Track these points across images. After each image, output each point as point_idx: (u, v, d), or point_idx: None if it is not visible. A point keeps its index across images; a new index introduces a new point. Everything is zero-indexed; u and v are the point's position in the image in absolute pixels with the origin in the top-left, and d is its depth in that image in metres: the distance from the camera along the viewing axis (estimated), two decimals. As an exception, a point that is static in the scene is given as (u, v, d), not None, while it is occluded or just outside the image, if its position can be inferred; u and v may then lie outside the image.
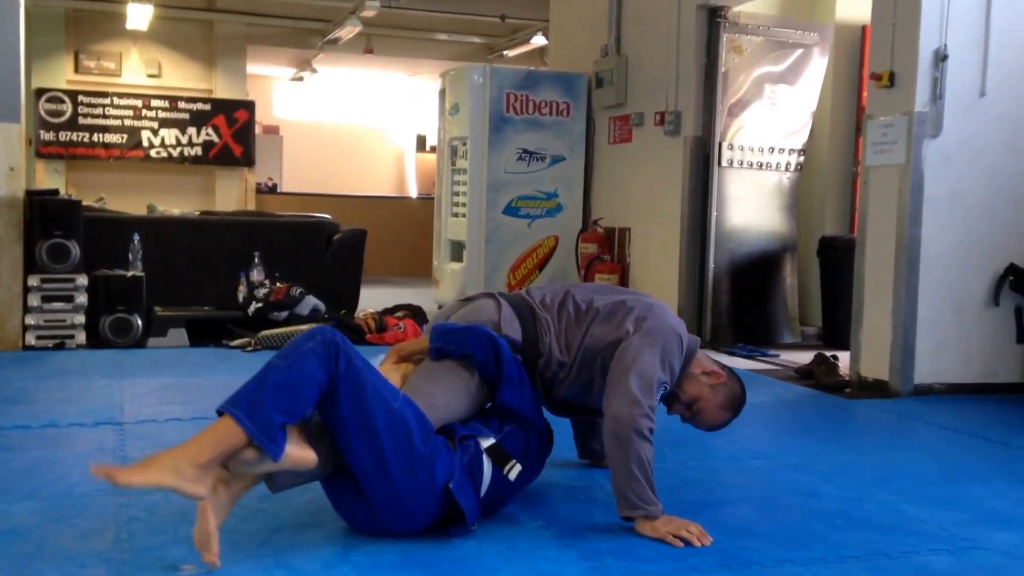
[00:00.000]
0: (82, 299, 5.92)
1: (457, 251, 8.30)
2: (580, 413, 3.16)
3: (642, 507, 2.64)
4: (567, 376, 2.92)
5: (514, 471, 2.63)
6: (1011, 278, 5.13)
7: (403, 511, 2.48)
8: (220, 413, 2.30)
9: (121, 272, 6.16)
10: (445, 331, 2.73)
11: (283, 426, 2.29)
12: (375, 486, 2.44)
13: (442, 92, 8.58)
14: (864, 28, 7.14)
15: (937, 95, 4.94)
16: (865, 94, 5.83)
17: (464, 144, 8.12)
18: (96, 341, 5.95)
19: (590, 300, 2.96)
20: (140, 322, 6.06)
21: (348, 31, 11.44)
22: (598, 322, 2.89)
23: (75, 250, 5.92)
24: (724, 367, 2.99)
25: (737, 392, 2.96)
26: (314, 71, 14.31)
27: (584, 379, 2.92)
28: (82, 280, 5.93)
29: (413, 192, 16.01)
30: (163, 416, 4.07)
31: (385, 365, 2.75)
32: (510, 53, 13.13)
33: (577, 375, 2.91)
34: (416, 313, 6.69)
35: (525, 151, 8.08)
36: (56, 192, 6.65)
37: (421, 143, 15.96)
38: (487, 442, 2.63)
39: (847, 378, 5.33)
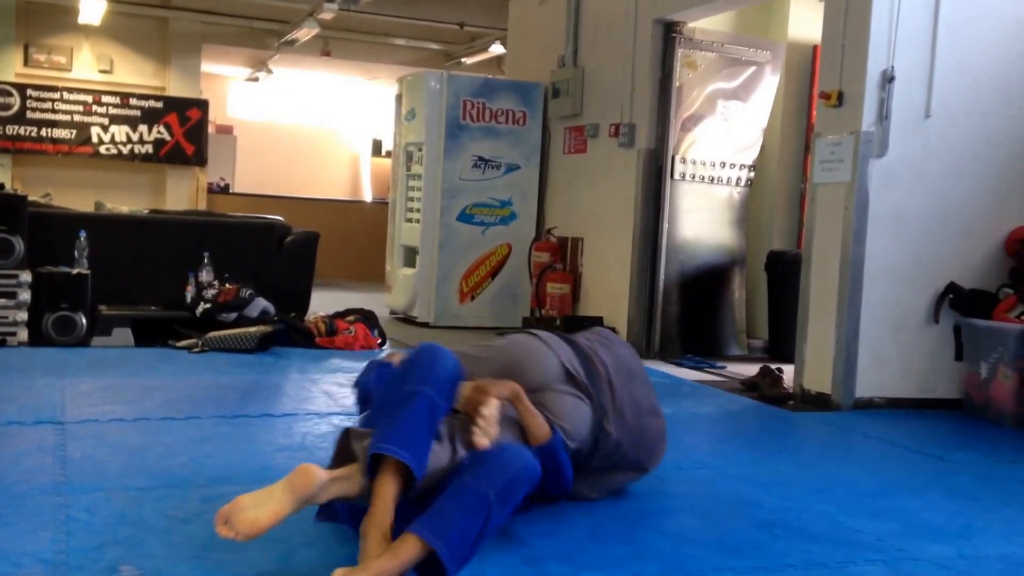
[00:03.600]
0: (25, 296, 5.81)
1: (410, 256, 8.29)
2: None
3: None
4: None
5: None
6: (951, 296, 5.25)
7: None
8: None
9: (66, 269, 6.06)
10: (554, 452, 2.79)
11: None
12: None
13: (399, 97, 8.58)
14: (815, 48, 7.28)
15: (883, 115, 5.05)
16: (814, 112, 5.94)
17: (420, 150, 8.12)
18: (39, 339, 5.85)
19: (638, 400, 3.08)
20: (84, 320, 5.97)
21: (305, 33, 11.39)
22: (646, 415, 3.10)
23: (19, 246, 5.83)
24: None
25: None
26: (270, 72, 14.22)
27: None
28: (25, 276, 5.83)
29: (367, 196, 15.95)
30: (105, 416, 4.01)
31: (491, 408, 2.67)
32: (468, 60, 13.16)
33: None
34: (367, 317, 6.65)
35: (480, 158, 8.10)
36: (1, 186, 6.54)
37: (377, 147, 15.92)
38: None
39: (791, 391, 5.42)
